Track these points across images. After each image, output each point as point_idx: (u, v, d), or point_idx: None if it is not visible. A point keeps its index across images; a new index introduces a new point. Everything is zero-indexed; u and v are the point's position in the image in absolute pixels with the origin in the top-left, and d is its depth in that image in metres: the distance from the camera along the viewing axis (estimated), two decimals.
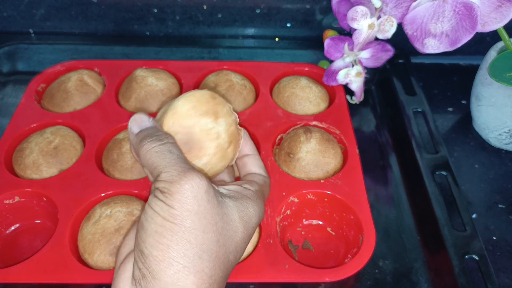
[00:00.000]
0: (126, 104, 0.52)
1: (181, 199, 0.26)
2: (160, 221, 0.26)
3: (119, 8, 0.60)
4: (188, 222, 0.26)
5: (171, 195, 0.26)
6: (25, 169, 0.44)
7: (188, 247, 0.25)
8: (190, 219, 0.26)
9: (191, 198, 0.26)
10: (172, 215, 0.26)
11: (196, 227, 0.26)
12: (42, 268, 0.37)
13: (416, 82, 0.56)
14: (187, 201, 0.26)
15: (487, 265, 0.39)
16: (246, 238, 0.30)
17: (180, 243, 0.25)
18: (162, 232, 0.25)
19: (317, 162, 0.45)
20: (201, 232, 0.26)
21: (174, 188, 0.26)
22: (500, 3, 0.38)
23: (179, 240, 0.25)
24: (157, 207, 0.26)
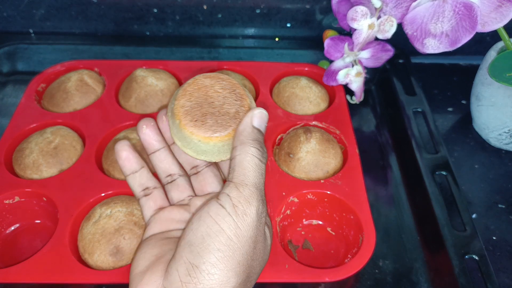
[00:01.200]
0: (126, 104, 0.52)
1: (251, 224, 0.26)
2: (225, 240, 0.26)
3: (119, 8, 0.60)
4: (246, 247, 0.26)
5: (244, 215, 0.26)
6: (25, 169, 0.44)
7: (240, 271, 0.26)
8: (248, 244, 0.26)
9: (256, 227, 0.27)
10: (238, 235, 0.26)
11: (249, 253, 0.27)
12: (42, 268, 0.37)
13: (416, 82, 0.56)
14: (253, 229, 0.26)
15: (487, 265, 0.39)
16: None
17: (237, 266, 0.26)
18: (224, 252, 0.25)
19: (317, 162, 0.45)
20: (250, 259, 0.27)
21: (249, 211, 0.26)
22: (500, 3, 0.38)
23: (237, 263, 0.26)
24: (223, 223, 0.26)
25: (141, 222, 0.40)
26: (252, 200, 0.27)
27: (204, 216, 0.27)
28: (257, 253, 0.28)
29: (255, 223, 0.26)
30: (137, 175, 0.34)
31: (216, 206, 0.27)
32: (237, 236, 0.26)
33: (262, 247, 0.28)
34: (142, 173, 0.34)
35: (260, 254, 0.28)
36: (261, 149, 0.29)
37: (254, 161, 0.28)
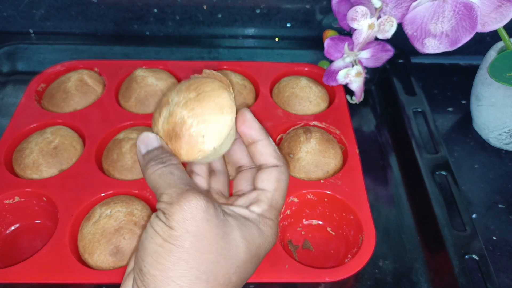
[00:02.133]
0: (126, 104, 0.52)
1: (180, 220, 0.26)
2: (159, 242, 0.26)
3: (119, 8, 0.60)
4: (187, 243, 0.26)
5: (171, 216, 0.26)
6: (25, 169, 0.44)
7: (186, 267, 0.26)
8: (188, 240, 0.26)
9: (190, 219, 0.26)
10: (172, 236, 0.26)
11: (195, 248, 0.26)
12: (42, 268, 0.37)
13: (416, 82, 0.56)
14: (186, 222, 0.26)
15: (487, 265, 0.39)
16: (251, 258, 0.29)
17: (178, 263, 0.26)
18: (161, 253, 0.26)
19: (317, 162, 0.45)
20: (199, 253, 0.26)
21: (173, 209, 0.26)
22: (500, 3, 0.38)
23: (177, 261, 0.26)
24: (157, 227, 0.27)
25: (141, 222, 0.40)
26: (172, 199, 0.27)
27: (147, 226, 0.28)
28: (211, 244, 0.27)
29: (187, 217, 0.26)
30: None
31: (153, 217, 0.28)
32: (170, 236, 0.26)
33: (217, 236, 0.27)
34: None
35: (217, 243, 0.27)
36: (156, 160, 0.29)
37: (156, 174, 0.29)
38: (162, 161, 0.29)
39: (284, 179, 0.32)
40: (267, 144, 0.33)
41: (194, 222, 0.26)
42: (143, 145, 0.30)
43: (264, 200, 0.31)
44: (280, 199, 0.32)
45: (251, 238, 0.29)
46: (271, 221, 0.31)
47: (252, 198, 0.31)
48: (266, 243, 0.30)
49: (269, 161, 0.32)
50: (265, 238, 0.30)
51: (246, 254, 0.29)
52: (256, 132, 0.32)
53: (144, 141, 0.30)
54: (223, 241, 0.27)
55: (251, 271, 0.30)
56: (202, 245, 0.26)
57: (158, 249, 0.26)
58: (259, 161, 0.33)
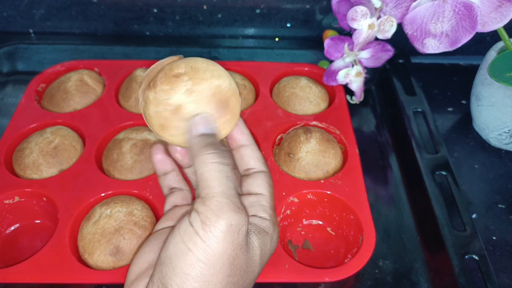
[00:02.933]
0: (126, 104, 0.52)
1: (221, 239, 0.25)
2: (191, 261, 0.25)
3: (119, 8, 0.60)
4: (219, 265, 0.25)
5: (212, 232, 0.25)
6: (25, 169, 0.44)
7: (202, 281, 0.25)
8: (221, 262, 0.25)
9: (230, 242, 0.25)
10: (206, 254, 0.25)
11: (224, 271, 0.26)
12: (42, 268, 0.37)
13: (416, 82, 0.56)
14: (224, 244, 0.25)
15: (487, 265, 0.39)
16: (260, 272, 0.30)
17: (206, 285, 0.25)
18: (191, 274, 0.25)
19: (317, 162, 0.45)
20: (226, 276, 0.26)
21: (219, 224, 0.25)
22: (500, 3, 0.38)
23: (207, 282, 0.25)
24: (191, 243, 0.25)
25: (141, 222, 0.40)
26: (221, 212, 0.25)
27: (175, 235, 0.26)
28: (237, 268, 0.26)
29: (227, 237, 0.25)
30: (167, 177, 0.35)
31: (186, 223, 0.26)
32: (206, 255, 0.25)
33: (243, 261, 0.27)
34: (172, 175, 0.35)
35: (241, 267, 0.27)
36: (218, 151, 0.27)
37: (214, 168, 0.27)
38: (223, 155, 0.27)
39: (271, 182, 0.33)
40: (256, 149, 0.33)
41: (231, 246, 0.25)
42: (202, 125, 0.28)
43: (266, 205, 0.31)
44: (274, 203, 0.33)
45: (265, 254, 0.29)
46: (276, 226, 0.31)
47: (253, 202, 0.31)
48: (273, 249, 0.31)
49: (258, 166, 0.33)
50: (274, 245, 0.31)
51: (259, 269, 0.29)
52: (246, 137, 0.33)
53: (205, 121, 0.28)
54: (246, 265, 0.27)
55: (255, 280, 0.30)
56: (230, 269, 0.26)
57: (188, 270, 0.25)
58: (248, 165, 0.33)
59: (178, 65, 0.30)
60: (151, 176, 0.44)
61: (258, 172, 0.33)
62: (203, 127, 0.28)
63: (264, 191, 0.32)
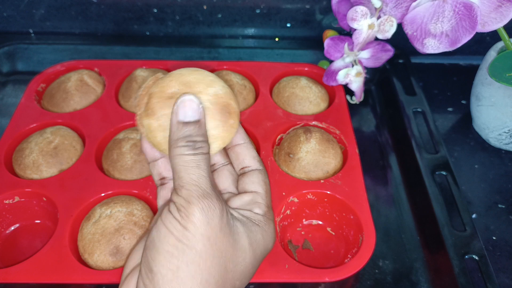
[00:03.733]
0: (126, 104, 0.52)
1: (197, 222, 0.26)
2: (172, 241, 0.26)
3: (119, 8, 0.60)
4: (200, 245, 0.26)
5: (188, 216, 0.26)
6: (25, 169, 0.44)
7: (197, 270, 0.26)
8: (202, 243, 0.26)
9: (206, 223, 0.26)
10: (186, 237, 0.26)
11: (207, 252, 0.26)
12: (42, 268, 0.37)
13: (416, 82, 0.56)
14: (202, 225, 0.26)
15: (487, 265, 0.39)
16: (255, 263, 0.30)
17: (190, 265, 0.26)
18: (173, 253, 0.26)
19: (317, 162, 0.45)
20: (210, 257, 0.26)
21: (191, 209, 0.26)
22: (500, 3, 0.38)
23: (189, 262, 0.26)
24: (171, 226, 0.26)
25: (141, 222, 0.40)
26: (191, 199, 0.26)
27: (157, 222, 0.27)
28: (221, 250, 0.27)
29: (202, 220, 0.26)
30: (156, 163, 0.34)
31: (165, 211, 0.27)
32: (185, 237, 0.26)
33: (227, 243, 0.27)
34: (162, 163, 0.34)
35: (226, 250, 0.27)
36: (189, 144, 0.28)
37: (184, 160, 0.27)
38: (194, 146, 0.28)
39: (267, 180, 0.33)
40: (251, 148, 0.33)
41: (209, 227, 0.26)
42: (181, 111, 0.28)
43: (261, 202, 0.32)
44: (270, 201, 0.33)
45: (256, 243, 0.30)
46: (271, 221, 0.32)
47: (248, 200, 0.32)
48: (269, 244, 0.31)
49: (253, 164, 0.33)
50: (268, 240, 0.31)
51: (251, 259, 0.29)
52: (241, 135, 0.33)
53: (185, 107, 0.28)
54: (232, 249, 0.28)
55: (252, 274, 0.30)
56: (213, 250, 0.27)
57: (170, 249, 0.26)
58: (243, 163, 0.33)
59: (168, 85, 0.30)
60: (151, 176, 0.44)
61: (253, 170, 0.33)
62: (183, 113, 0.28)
63: (259, 189, 0.32)
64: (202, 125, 0.29)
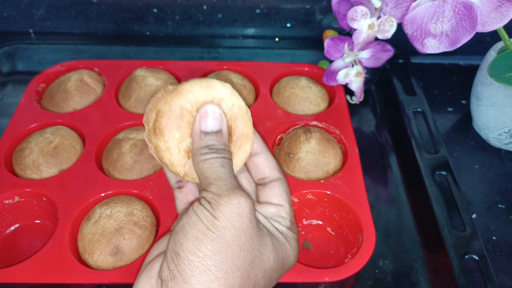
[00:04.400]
0: (126, 104, 0.52)
1: (227, 212, 0.26)
2: (202, 229, 0.26)
3: (119, 8, 0.60)
4: (229, 236, 0.26)
5: (218, 207, 0.26)
6: (25, 169, 0.44)
7: (224, 259, 0.26)
8: (231, 233, 0.26)
9: (236, 214, 0.27)
10: (215, 225, 0.26)
11: (235, 243, 0.26)
12: (42, 268, 0.37)
13: (416, 82, 0.56)
14: (232, 216, 0.26)
15: (487, 265, 0.39)
16: (278, 267, 0.30)
17: (217, 254, 0.26)
18: (202, 240, 0.26)
19: (317, 162, 0.45)
20: (238, 248, 0.27)
21: (222, 201, 0.27)
22: (500, 3, 0.38)
23: (217, 251, 0.26)
24: (202, 215, 0.27)
25: (141, 222, 0.40)
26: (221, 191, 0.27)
27: (189, 211, 0.28)
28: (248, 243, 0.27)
29: (233, 210, 0.27)
30: None
31: (196, 204, 0.28)
32: (214, 226, 0.26)
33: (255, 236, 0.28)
34: None
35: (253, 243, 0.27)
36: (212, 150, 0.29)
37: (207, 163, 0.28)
38: (217, 152, 0.29)
39: (288, 190, 0.34)
40: (270, 157, 0.34)
41: (239, 218, 0.27)
42: (204, 122, 0.29)
43: (285, 216, 0.32)
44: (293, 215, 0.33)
45: (280, 248, 0.30)
46: (296, 237, 0.32)
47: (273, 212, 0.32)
48: (292, 257, 0.31)
49: (273, 174, 0.33)
50: (292, 252, 0.31)
51: (275, 261, 0.29)
52: (258, 145, 0.33)
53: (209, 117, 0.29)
54: (259, 243, 0.28)
55: (275, 280, 0.30)
56: (242, 242, 0.27)
57: (200, 235, 0.26)
58: (263, 174, 0.33)
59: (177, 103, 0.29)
60: (151, 176, 0.44)
61: (275, 181, 0.33)
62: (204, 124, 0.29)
63: (283, 202, 0.32)
64: (224, 135, 0.29)
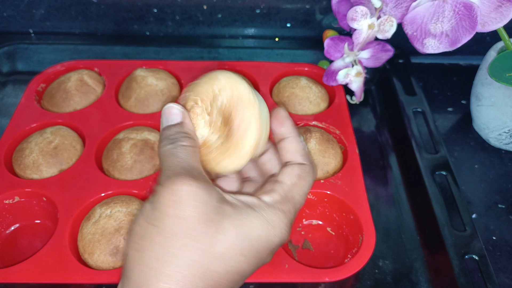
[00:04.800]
0: (126, 104, 0.52)
1: (163, 201, 0.26)
2: (141, 223, 0.26)
3: (119, 8, 0.60)
4: (165, 225, 0.25)
5: (157, 197, 0.26)
6: (25, 169, 0.44)
7: (160, 250, 0.25)
8: (167, 222, 0.25)
9: (173, 201, 0.26)
10: (152, 217, 0.26)
11: (172, 231, 0.25)
12: (42, 268, 0.37)
13: (416, 82, 0.56)
14: (169, 204, 0.26)
15: (487, 265, 0.39)
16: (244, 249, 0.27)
17: (153, 246, 0.25)
18: (141, 234, 0.26)
19: (317, 162, 0.45)
20: (175, 237, 0.25)
21: (160, 190, 0.26)
22: (500, 3, 0.38)
23: (152, 243, 0.25)
24: (144, 209, 0.27)
25: None
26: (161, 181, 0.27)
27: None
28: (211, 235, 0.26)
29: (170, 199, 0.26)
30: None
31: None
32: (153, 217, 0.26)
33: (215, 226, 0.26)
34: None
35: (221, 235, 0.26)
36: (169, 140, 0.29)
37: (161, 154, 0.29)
38: (172, 141, 0.29)
39: (307, 178, 0.31)
40: (296, 142, 0.32)
41: (177, 205, 0.25)
42: (164, 118, 0.30)
43: (278, 192, 0.29)
44: (298, 195, 0.30)
45: (248, 228, 0.27)
46: (282, 213, 0.29)
47: (267, 189, 0.30)
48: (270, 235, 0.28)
49: (295, 159, 0.31)
50: (270, 229, 0.28)
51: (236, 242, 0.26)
52: (286, 129, 0.32)
53: (166, 114, 0.30)
54: (206, 227, 0.26)
55: (245, 265, 0.27)
56: (181, 229, 0.25)
57: (138, 230, 0.26)
58: (285, 158, 0.31)
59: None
60: (151, 176, 0.44)
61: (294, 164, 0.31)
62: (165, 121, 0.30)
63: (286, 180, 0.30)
64: (185, 125, 0.30)
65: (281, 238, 0.28)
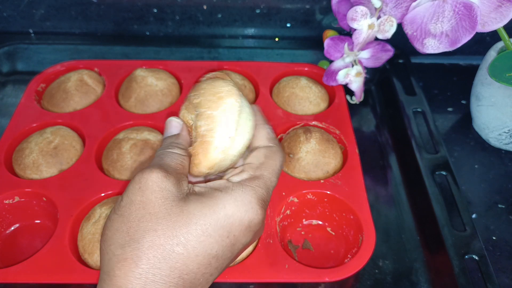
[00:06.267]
0: (126, 104, 0.52)
1: (131, 190, 0.27)
2: (110, 215, 0.28)
3: (119, 8, 0.60)
4: (127, 212, 0.27)
5: (127, 188, 0.28)
6: (25, 169, 0.44)
7: (123, 237, 0.26)
8: (129, 208, 0.27)
9: (137, 189, 0.27)
10: (120, 207, 0.27)
11: (134, 217, 0.27)
12: (42, 268, 0.37)
13: (416, 82, 0.56)
14: (135, 192, 0.27)
15: (487, 265, 0.39)
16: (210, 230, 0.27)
17: (116, 234, 0.27)
18: (108, 225, 0.27)
19: (317, 162, 0.45)
20: (136, 221, 0.26)
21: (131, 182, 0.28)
22: (500, 3, 0.38)
23: (117, 231, 0.27)
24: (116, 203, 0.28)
25: None
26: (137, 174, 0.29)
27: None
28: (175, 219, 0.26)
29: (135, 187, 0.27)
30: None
31: None
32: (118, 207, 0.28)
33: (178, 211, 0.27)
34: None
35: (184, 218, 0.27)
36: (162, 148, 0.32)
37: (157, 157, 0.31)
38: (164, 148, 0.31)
39: (274, 157, 0.32)
40: (262, 128, 0.33)
41: (142, 192, 0.27)
42: (165, 130, 0.33)
43: (247, 171, 0.30)
44: (266, 172, 0.31)
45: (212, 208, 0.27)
46: (250, 188, 0.29)
47: (237, 172, 0.31)
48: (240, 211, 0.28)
49: (262, 143, 0.33)
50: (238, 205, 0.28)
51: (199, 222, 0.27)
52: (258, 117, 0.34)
53: (167, 126, 0.33)
54: (169, 211, 0.26)
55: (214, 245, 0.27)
56: (143, 213, 0.27)
57: (107, 222, 0.28)
58: (254, 144, 0.33)
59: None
60: None
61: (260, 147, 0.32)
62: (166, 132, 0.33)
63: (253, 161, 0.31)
64: (180, 136, 0.32)
65: (253, 214, 0.28)
